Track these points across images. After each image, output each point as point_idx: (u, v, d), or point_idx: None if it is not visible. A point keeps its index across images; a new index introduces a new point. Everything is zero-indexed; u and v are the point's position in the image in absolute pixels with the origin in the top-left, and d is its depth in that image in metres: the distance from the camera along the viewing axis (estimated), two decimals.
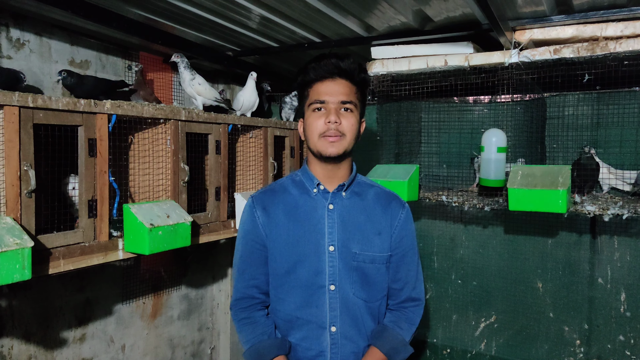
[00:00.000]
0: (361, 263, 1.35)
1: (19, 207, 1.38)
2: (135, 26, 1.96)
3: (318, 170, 1.38)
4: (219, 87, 2.98)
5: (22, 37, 1.90)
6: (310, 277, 1.33)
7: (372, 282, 1.36)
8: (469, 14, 1.86)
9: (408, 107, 2.58)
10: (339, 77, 1.32)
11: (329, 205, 1.36)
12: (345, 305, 1.34)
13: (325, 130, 1.29)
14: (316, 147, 1.33)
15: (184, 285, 2.74)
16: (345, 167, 1.38)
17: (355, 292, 1.35)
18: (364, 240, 1.35)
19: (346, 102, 1.31)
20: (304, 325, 1.34)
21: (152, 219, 1.67)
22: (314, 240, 1.34)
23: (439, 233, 2.76)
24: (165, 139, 1.91)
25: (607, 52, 1.80)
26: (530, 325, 2.53)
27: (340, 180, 1.38)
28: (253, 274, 1.39)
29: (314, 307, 1.33)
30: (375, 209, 1.40)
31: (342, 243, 1.34)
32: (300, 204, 1.37)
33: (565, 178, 1.88)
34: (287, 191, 1.41)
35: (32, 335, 1.96)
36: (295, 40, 2.29)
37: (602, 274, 2.37)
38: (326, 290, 1.33)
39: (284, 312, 1.37)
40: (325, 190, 1.37)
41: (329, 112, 1.30)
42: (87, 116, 1.58)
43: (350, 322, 1.34)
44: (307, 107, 1.35)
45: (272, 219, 1.37)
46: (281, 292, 1.37)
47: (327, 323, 1.33)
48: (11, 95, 1.35)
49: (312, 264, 1.33)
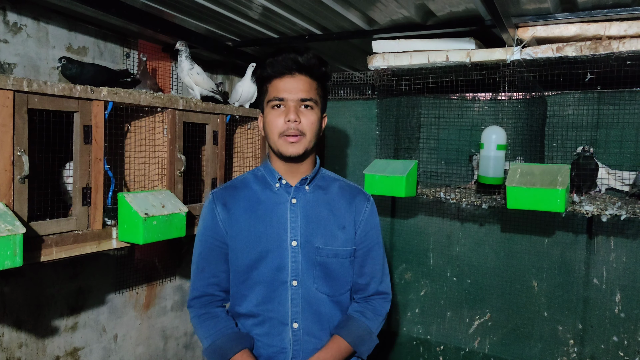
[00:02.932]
0: (324, 258, 1.33)
1: (11, 193, 1.36)
2: (135, 13, 1.93)
3: (279, 166, 1.36)
4: (217, 77, 2.96)
5: (20, 21, 1.87)
6: (273, 273, 1.31)
7: (336, 276, 1.35)
8: (472, 10, 1.84)
9: (408, 103, 2.57)
10: (298, 73, 1.28)
11: (292, 200, 1.34)
12: (308, 301, 1.32)
13: (285, 129, 1.27)
14: (276, 147, 1.30)
15: (178, 276, 2.72)
16: (307, 162, 1.36)
17: (318, 287, 1.33)
18: (328, 234, 1.34)
19: (306, 99, 1.28)
20: (266, 322, 1.32)
21: (147, 209, 1.65)
22: (277, 236, 1.32)
23: (435, 230, 2.76)
24: (162, 128, 1.89)
25: (610, 52, 1.79)
26: (524, 324, 2.53)
27: (303, 174, 1.36)
28: (213, 272, 1.37)
29: (276, 303, 1.31)
30: (339, 203, 1.37)
31: (305, 238, 1.32)
32: (262, 199, 1.35)
33: (564, 177, 1.87)
34: (249, 186, 1.38)
35: (24, 323, 1.95)
36: (295, 31, 2.27)
37: (598, 274, 2.37)
38: (288, 286, 1.31)
39: (245, 308, 1.34)
40: (288, 184, 1.35)
41: (288, 110, 1.27)
42: (83, 102, 1.55)
43: (312, 318, 1.33)
44: (266, 103, 1.32)
45: (232, 215, 1.34)
46: (243, 288, 1.34)
47: (289, 319, 1.32)
48: (5, 78, 1.33)
49: (274, 259, 1.31)
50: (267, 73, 1.30)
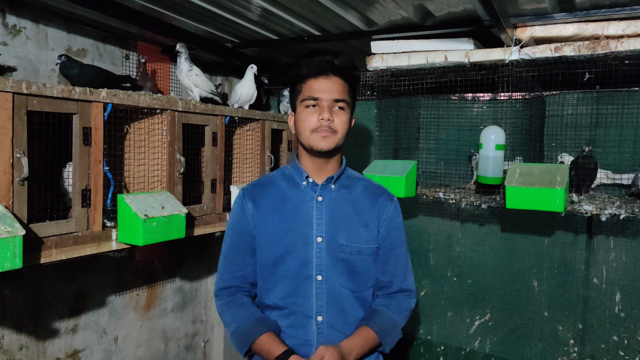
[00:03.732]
0: (348, 254, 1.36)
1: (10, 195, 1.36)
2: (134, 15, 1.94)
3: (308, 164, 1.39)
4: (217, 79, 2.96)
5: (19, 23, 1.88)
6: (298, 268, 1.35)
7: (359, 273, 1.38)
8: (470, 10, 1.85)
9: (407, 103, 2.57)
10: (332, 75, 1.32)
11: (318, 197, 1.38)
12: (332, 296, 1.36)
13: (318, 126, 1.31)
14: (308, 142, 1.34)
15: (178, 278, 2.73)
16: (334, 160, 1.40)
17: (341, 282, 1.36)
18: (351, 232, 1.37)
19: (339, 100, 1.32)
20: (291, 315, 1.36)
21: (147, 210, 1.65)
22: (302, 232, 1.36)
23: (435, 230, 2.76)
24: (162, 129, 1.89)
25: (608, 51, 1.79)
26: (525, 324, 2.53)
27: (329, 173, 1.40)
28: (241, 265, 1.41)
29: (301, 296, 1.35)
30: (363, 202, 1.41)
31: (330, 234, 1.36)
32: (289, 197, 1.39)
33: (563, 177, 1.87)
34: (276, 184, 1.43)
35: (24, 325, 1.95)
36: (294, 32, 2.28)
37: (598, 274, 2.37)
38: (313, 281, 1.35)
39: (271, 301, 1.38)
40: (314, 182, 1.39)
41: (322, 109, 1.31)
42: (83, 104, 1.56)
43: (336, 312, 1.36)
44: (300, 102, 1.35)
45: (261, 210, 1.39)
46: (269, 282, 1.38)
47: (313, 313, 1.35)
48: (5, 81, 1.33)
49: (299, 254, 1.35)
50: (302, 73, 1.34)
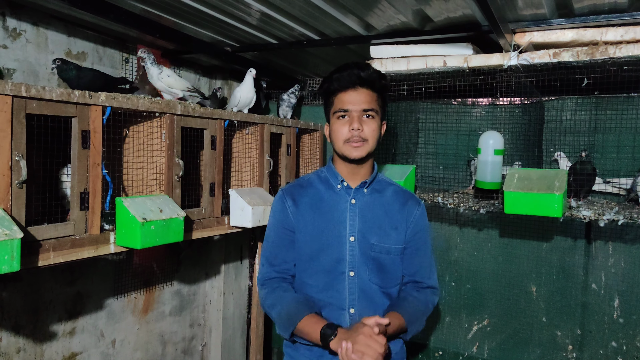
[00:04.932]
0: (378, 253, 1.47)
1: (9, 198, 1.36)
2: (133, 18, 1.94)
3: (342, 169, 1.51)
4: (216, 82, 2.97)
5: (19, 26, 1.88)
6: (332, 264, 1.46)
7: (387, 270, 1.48)
8: (469, 15, 1.85)
9: (406, 108, 2.58)
10: (360, 87, 1.43)
11: (352, 200, 1.49)
12: (363, 290, 1.46)
13: (350, 137, 1.42)
14: (341, 151, 1.46)
15: (176, 281, 2.72)
16: (367, 166, 1.51)
17: (371, 278, 1.47)
18: (382, 232, 1.48)
19: (367, 109, 1.42)
20: (326, 307, 1.47)
21: (145, 213, 1.65)
22: (337, 231, 1.47)
23: (434, 235, 2.76)
24: (161, 133, 1.89)
25: (606, 57, 1.80)
26: (523, 329, 2.52)
27: (363, 178, 1.51)
28: (284, 258, 1.52)
29: (335, 290, 1.46)
30: (393, 206, 1.52)
31: (362, 234, 1.47)
32: (325, 198, 1.51)
33: (562, 182, 1.87)
34: (313, 186, 1.54)
35: (22, 328, 1.94)
36: (294, 37, 2.28)
37: (596, 279, 2.37)
38: (346, 277, 1.46)
39: (307, 294, 1.49)
40: (349, 186, 1.50)
41: (352, 119, 1.42)
42: (82, 107, 1.56)
43: (367, 305, 1.46)
44: (332, 114, 1.47)
45: (300, 209, 1.51)
46: (305, 276, 1.50)
47: (346, 305, 1.46)
48: (4, 84, 1.33)
49: (334, 252, 1.46)
50: (333, 87, 1.46)
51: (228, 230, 2.21)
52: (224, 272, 3.03)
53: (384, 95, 1.50)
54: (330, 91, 1.47)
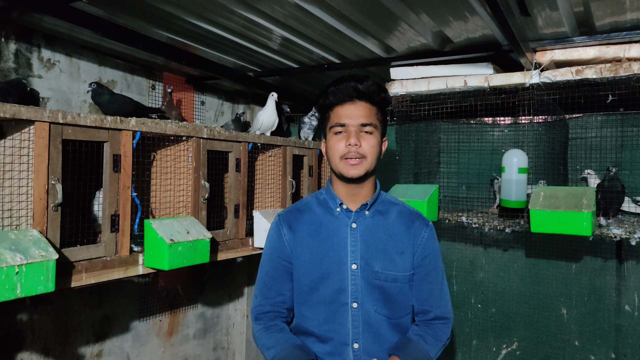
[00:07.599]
0: (383, 282, 1.35)
1: (45, 220, 1.41)
2: (160, 47, 2.02)
3: (341, 190, 1.39)
4: (239, 107, 3.03)
5: (53, 57, 1.97)
6: (333, 295, 1.34)
7: (395, 300, 1.36)
8: (488, 35, 1.87)
9: (427, 128, 2.58)
10: (358, 100, 1.33)
11: (352, 224, 1.37)
12: (368, 323, 1.34)
13: (346, 152, 1.31)
14: (338, 169, 1.34)
15: (200, 304, 2.73)
16: (368, 186, 1.38)
17: (377, 309, 1.35)
18: (386, 259, 1.36)
19: (366, 124, 1.32)
20: (328, 342, 1.35)
21: (172, 235, 1.68)
22: (337, 258, 1.35)
23: (458, 255, 2.72)
24: (187, 156, 1.94)
25: (630, 73, 1.79)
26: (555, 354, 2.44)
27: (364, 199, 1.38)
28: (279, 290, 1.41)
29: (337, 324, 1.34)
30: (398, 228, 1.39)
31: (365, 261, 1.34)
32: (324, 223, 1.39)
33: (590, 200, 1.84)
34: (312, 210, 1.43)
35: (51, 350, 1.97)
36: (314, 61, 2.33)
37: (629, 300, 2.29)
38: (349, 308, 1.34)
39: (307, 327, 1.38)
40: (348, 209, 1.38)
41: (349, 134, 1.31)
42: (113, 132, 1.61)
43: (372, 339, 1.34)
44: (329, 129, 1.36)
45: (297, 236, 1.39)
46: (304, 308, 1.38)
47: (349, 340, 1.34)
48: (42, 111, 1.39)
49: (335, 281, 1.34)
50: (329, 101, 1.35)
51: (252, 252, 2.22)
52: (247, 295, 3.03)
53: (384, 110, 1.38)
54: (326, 105, 1.36)
